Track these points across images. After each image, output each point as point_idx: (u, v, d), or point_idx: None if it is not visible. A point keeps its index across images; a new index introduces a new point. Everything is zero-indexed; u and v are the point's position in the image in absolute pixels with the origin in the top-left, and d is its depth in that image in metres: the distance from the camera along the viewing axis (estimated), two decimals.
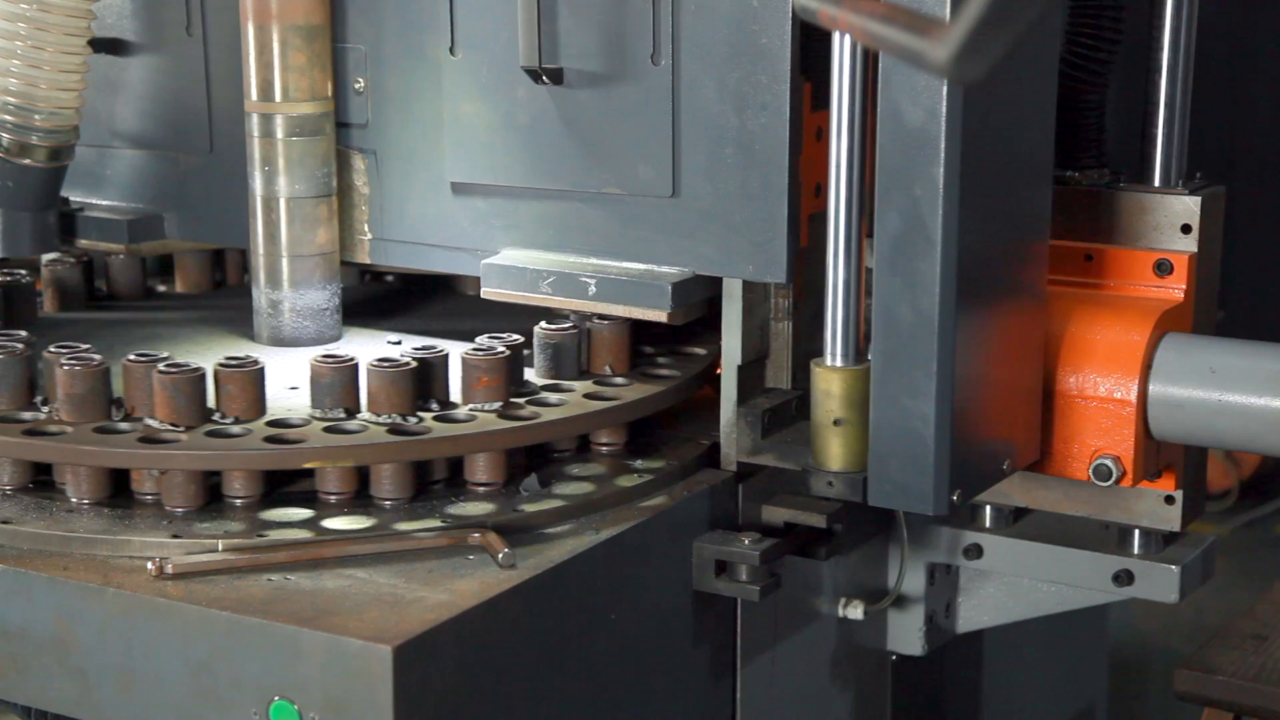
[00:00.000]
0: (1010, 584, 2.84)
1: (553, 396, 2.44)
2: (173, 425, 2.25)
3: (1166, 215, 2.53)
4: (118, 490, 2.27)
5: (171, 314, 2.89)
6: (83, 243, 2.84)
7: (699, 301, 2.45)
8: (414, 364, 2.33)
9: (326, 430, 2.26)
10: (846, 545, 2.58)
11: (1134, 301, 2.49)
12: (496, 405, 2.37)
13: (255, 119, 2.57)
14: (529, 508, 2.26)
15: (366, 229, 2.67)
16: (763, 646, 2.54)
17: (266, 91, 2.55)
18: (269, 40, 2.53)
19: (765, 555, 2.34)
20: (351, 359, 2.33)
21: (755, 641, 2.52)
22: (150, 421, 2.26)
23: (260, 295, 2.64)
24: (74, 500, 2.24)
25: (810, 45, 2.32)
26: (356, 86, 2.62)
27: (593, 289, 2.44)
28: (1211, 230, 2.54)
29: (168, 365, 2.28)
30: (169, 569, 2.05)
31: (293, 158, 2.57)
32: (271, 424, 2.27)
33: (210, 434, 2.24)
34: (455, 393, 2.41)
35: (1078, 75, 2.56)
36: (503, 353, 2.40)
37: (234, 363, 2.30)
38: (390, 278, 3.10)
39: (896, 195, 2.18)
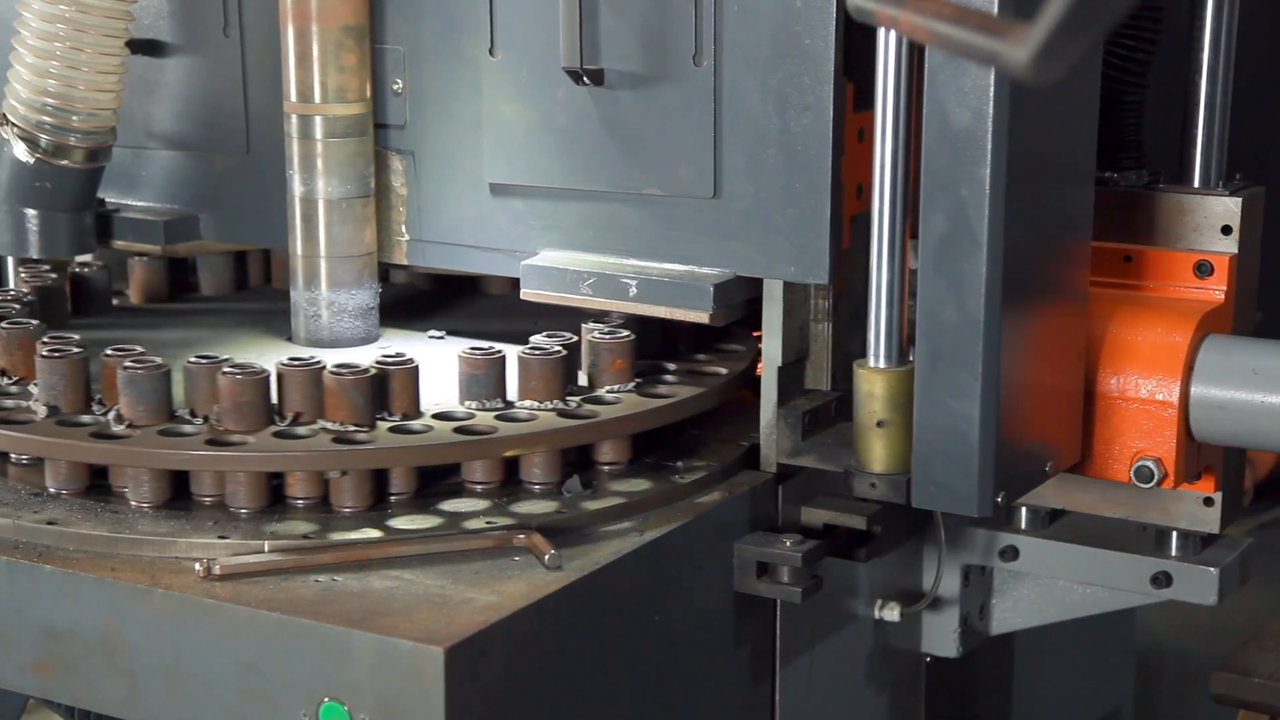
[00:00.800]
0: (1045, 586, 2.83)
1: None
2: (241, 430, 2.25)
3: (1206, 216, 2.52)
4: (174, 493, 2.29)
5: (197, 316, 2.89)
6: (118, 243, 2.84)
7: (740, 303, 2.45)
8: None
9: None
10: (884, 547, 2.58)
11: (1175, 303, 2.48)
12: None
13: (294, 120, 2.57)
14: (573, 509, 2.26)
15: (404, 230, 2.67)
16: (801, 648, 2.54)
17: (306, 93, 2.55)
18: (309, 42, 2.53)
19: (807, 557, 2.34)
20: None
21: (794, 643, 2.52)
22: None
23: (299, 296, 2.64)
24: (134, 503, 2.25)
25: (852, 45, 2.32)
26: (395, 87, 2.62)
27: (633, 290, 2.44)
28: (1251, 231, 2.54)
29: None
30: (216, 570, 2.05)
31: (332, 159, 2.57)
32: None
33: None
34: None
35: (1117, 76, 2.56)
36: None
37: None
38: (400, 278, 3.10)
39: (942, 196, 2.18)
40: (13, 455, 2.35)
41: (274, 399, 2.29)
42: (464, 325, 2.80)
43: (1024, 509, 2.72)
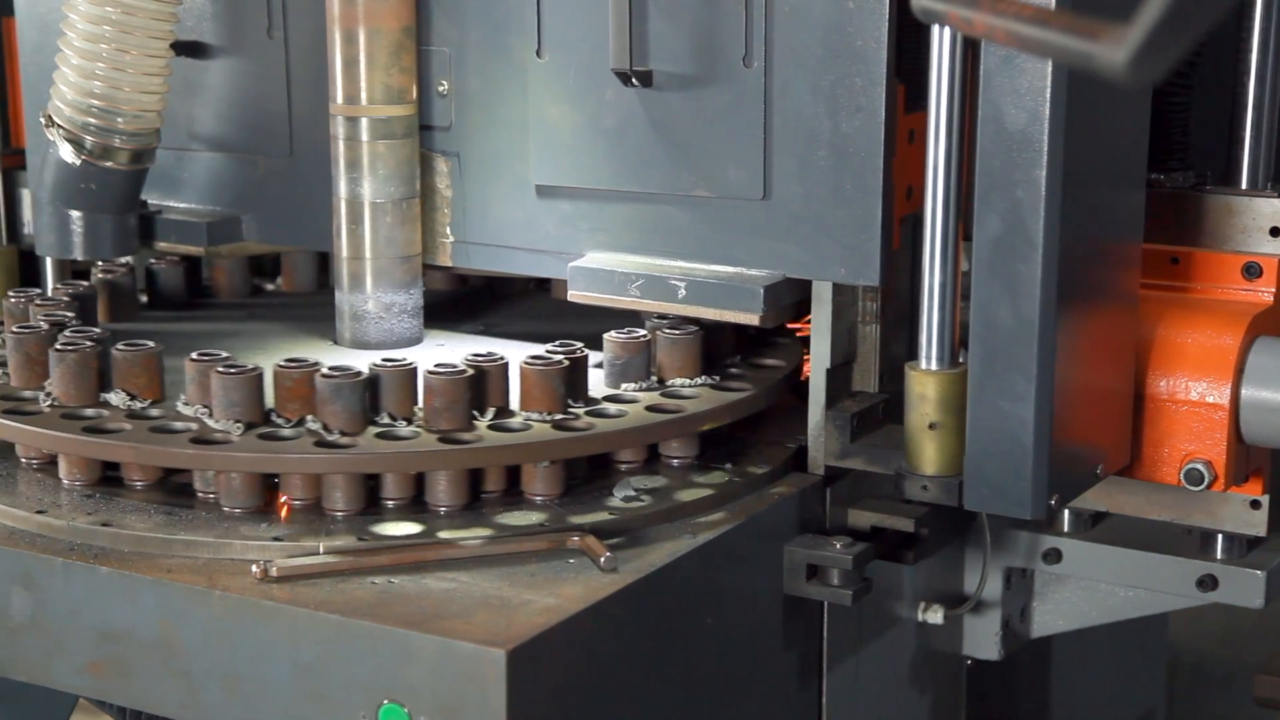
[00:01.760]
0: (1086, 588, 2.83)
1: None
2: (344, 431, 2.26)
3: (1255, 218, 2.52)
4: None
5: (227, 319, 2.89)
6: (161, 245, 2.83)
7: (789, 305, 2.44)
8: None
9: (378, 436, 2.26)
10: (930, 549, 2.58)
11: (1224, 305, 2.48)
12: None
13: (341, 122, 2.57)
14: (623, 511, 2.25)
15: (448, 231, 2.66)
16: (848, 651, 2.54)
17: (353, 94, 2.55)
18: (356, 44, 2.53)
19: (858, 559, 2.33)
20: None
21: (841, 646, 2.51)
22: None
23: (343, 298, 2.63)
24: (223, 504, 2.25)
25: (904, 47, 2.31)
26: (440, 89, 2.61)
27: (683, 292, 2.44)
28: None
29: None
30: (273, 571, 2.04)
31: (378, 161, 2.57)
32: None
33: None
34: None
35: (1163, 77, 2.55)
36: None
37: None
38: None
39: (997, 198, 2.17)
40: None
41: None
42: (496, 326, 2.81)
43: (1067, 511, 2.71)
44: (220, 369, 2.27)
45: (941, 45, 2.18)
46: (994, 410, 2.22)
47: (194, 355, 2.33)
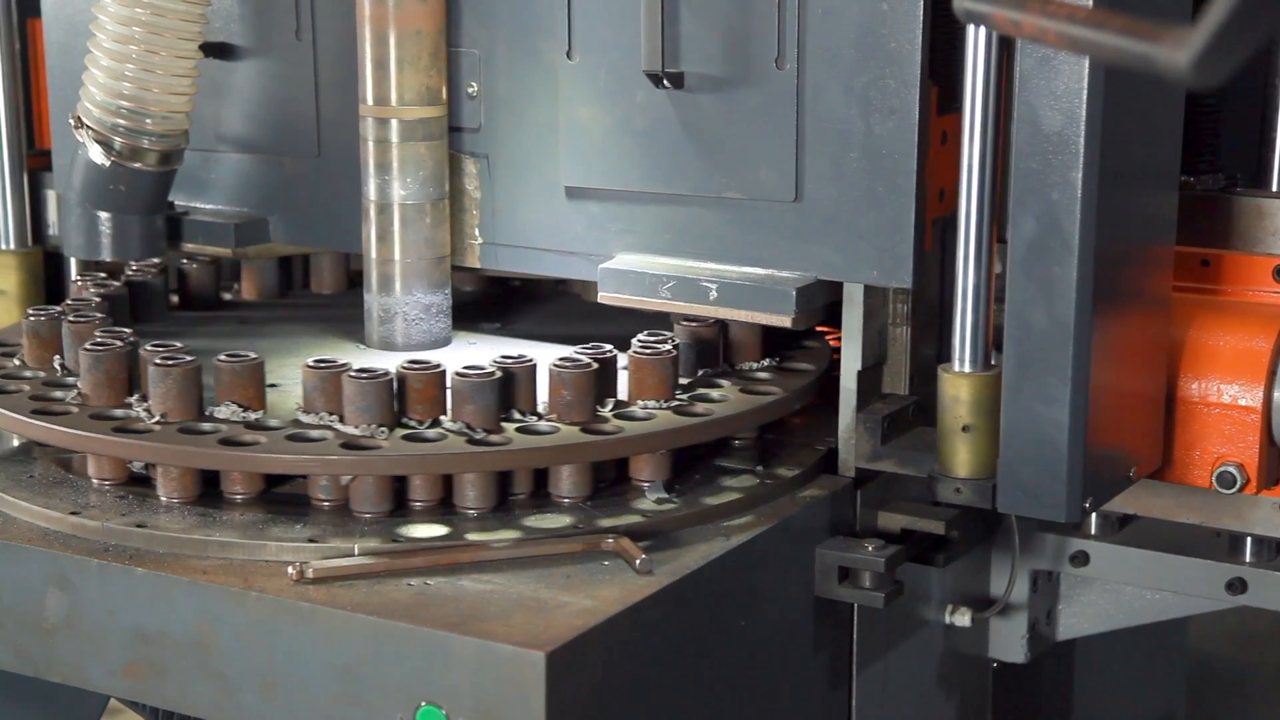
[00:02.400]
0: (1113, 591, 2.83)
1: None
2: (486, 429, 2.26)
3: None
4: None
5: (254, 321, 2.89)
6: (188, 246, 2.83)
7: (820, 307, 2.44)
8: (595, 365, 2.34)
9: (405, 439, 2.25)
10: (959, 552, 2.57)
11: (1256, 307, 2.47)
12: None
13: (370, 123, 2.57)
14: (654, 514, 2.25)
15: (477, 233, 2.66)
16: (877, 653, 2.53)
17: (382, 96, 2.55)
18: (386, 45, 2.53)
19: (890, 562, 2.33)
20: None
21: (870, 648, 2.51)
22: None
23: (372, 299, 2.63)
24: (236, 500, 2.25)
25: (937, 48, 2.31)
26: (470, 91, 2.61)
27: (714, 294, 2.43)
28: None
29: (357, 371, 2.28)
30: (309, 573, 2.04)
31: (407, 162, 2.57)
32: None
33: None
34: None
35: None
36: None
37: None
38: None
39: (1032, 200, 2.17)
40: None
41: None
42: (517, 327, 2.80)
43: (1094, 514, 2.71)
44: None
45: (977, 47, 2.18)
46: (1028, 413, 2.22)
47: (310, 363, 2.31)
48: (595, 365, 2.34)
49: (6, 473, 2.34)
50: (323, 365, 2.29)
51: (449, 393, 2.29)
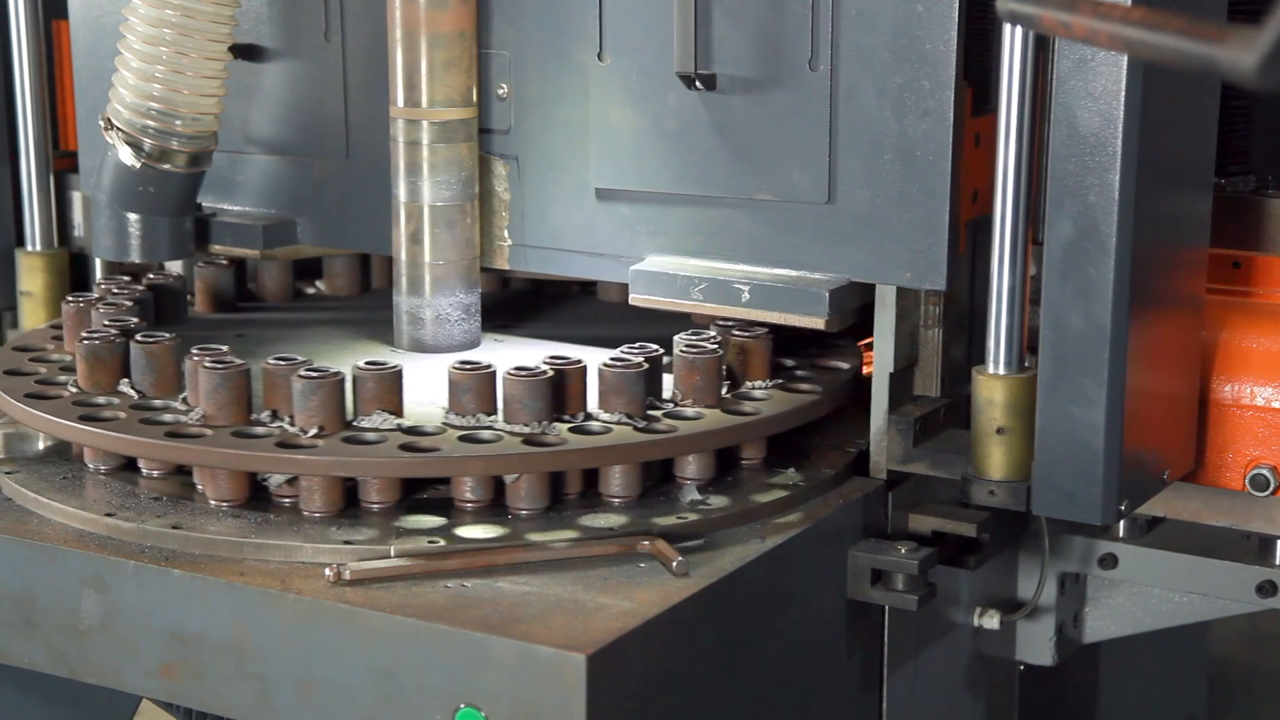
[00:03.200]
0: (1140, 594, 2.82)
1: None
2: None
3: None
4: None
5: (280, 323, 2.89)
6: (216, 248, 2.83)
7: (853, 309, 2.44)
8: (646, 365, 2.34)
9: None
10: (991, 554, 2.57)
11: None
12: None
13: (401, 124, 2.57)
14: (691, 515, 2.25)
15: (506, 234, 2.66)
16: (907, 656, 2.53)
17: (413, 97, 2.55)
18: (417, 47, 2.53)
19: (923, 564, 2.33)
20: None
21: (901, 651, 2.51)
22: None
23: (401, 301, 2.63)
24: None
25: (971, 50, 2.31)
26: (499, 92, 2.61)
27: (746, 296, 2.43)
28: None
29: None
30: (347, 575, 2.04)
31: (437, 164, 2.57)
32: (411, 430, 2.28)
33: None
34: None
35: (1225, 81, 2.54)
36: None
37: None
38: None
39: (1069, 202, 2.17)
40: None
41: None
42: (539, 330, 2.80)
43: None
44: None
45: (1012, 48, 2.18)
46: (1064, 415, 2.21)
47: (362, 364, 2.32)
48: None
49: (40, 475, 2.34)
50: (372, 366, 2.30)
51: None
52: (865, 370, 2.57)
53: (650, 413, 2.34)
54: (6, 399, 2.41)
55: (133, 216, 2.68)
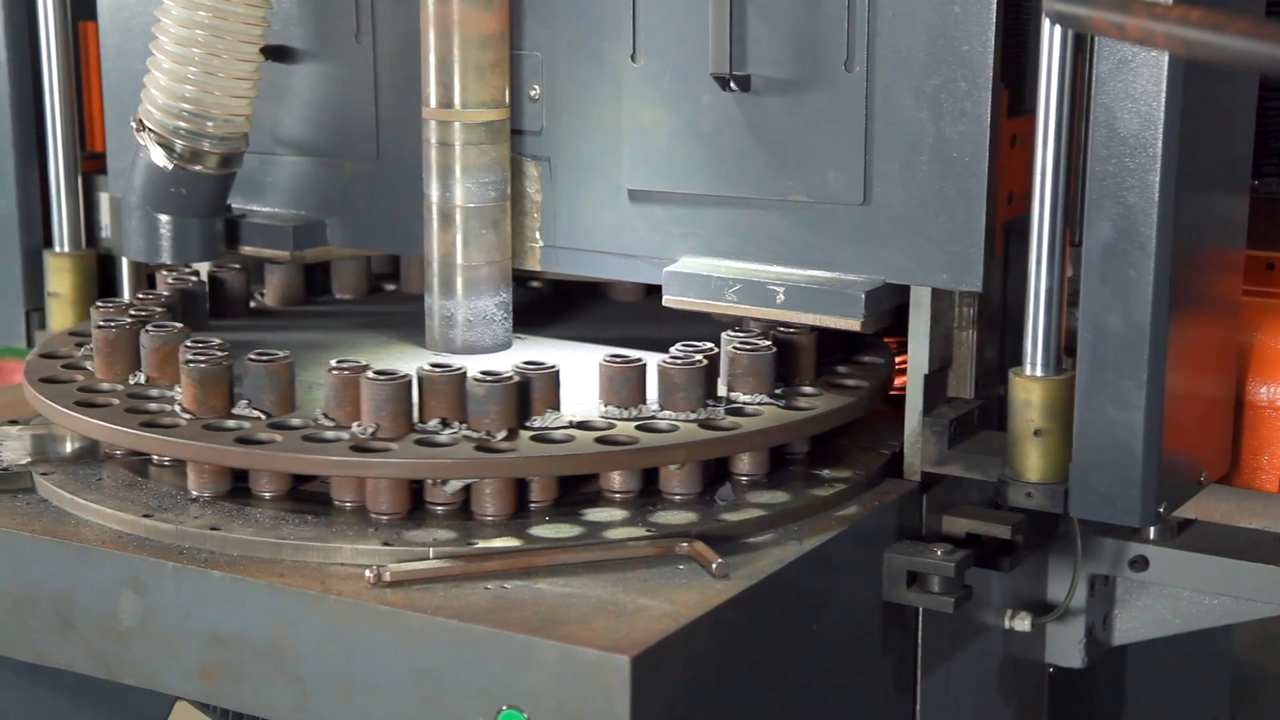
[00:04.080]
0: (1170, 596, 2.81)
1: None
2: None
3: None
4: (316, 497, 2.27)
5: (331, 321, 2.88)
6: (246, 249, 2.83)
7: (888, 310, 2.43)
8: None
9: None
10: (1024, 557, 2.56)
11: None
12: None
13: (433, 126, 2.56)
14: (729, 517, 2.24)
15: (538, 236, 2.65)
16: (941, 658, 2.52)
17: (446, 99, 2.54)
18: (450, 48, 2.52)
19: (959, 566, 2.32)
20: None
21: (935, 653, 2.50)
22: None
23: (433, 302, 2.63)
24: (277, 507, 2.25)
25: (1006, 51, 2.30)
26: (532, 94, 2.61)
27: (781, 297, 2.42)
28: None
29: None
30: (387, 576, 2.03)
31: (470, 165, 2.56)
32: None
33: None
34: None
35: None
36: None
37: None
38: None
39: (1108, 203, 2.16)
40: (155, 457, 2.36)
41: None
42: (569, 332, 2.80)
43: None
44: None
45: (1051, 49, 2.18)
46: (1103, 417, 2.21)
47: (427, 365, 2.32)
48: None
49: (76, 476, 2.34)
50: (438, 368, 2.30)
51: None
52: (899, 362, 2.57)
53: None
54: (121, 429, 2.32)
55: (163, 218, 2.67)
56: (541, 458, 2.21)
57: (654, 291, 2.57)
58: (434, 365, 2.31)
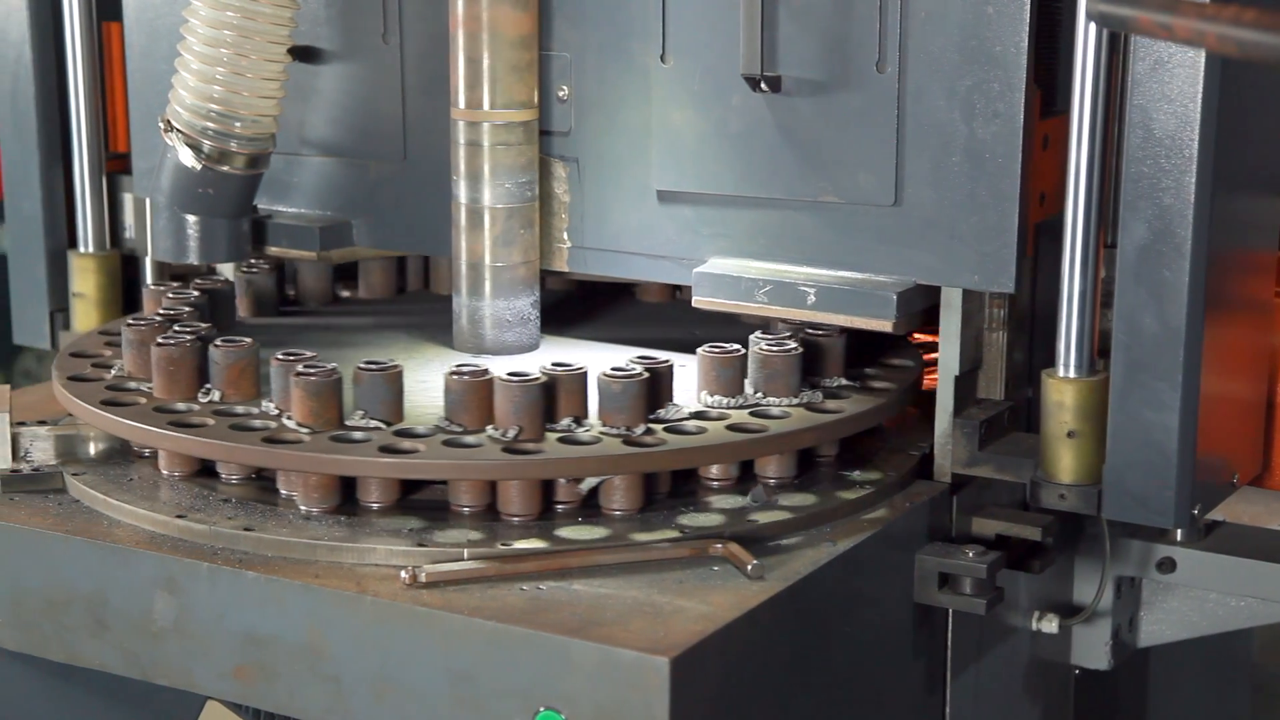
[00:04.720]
0: (1196, 598, 2.80)
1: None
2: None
3: None
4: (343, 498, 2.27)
5: (360, 320, 2.88)
6: (272, 250, 2.82)
7: (919, 311, 2.43)
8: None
9: (561, 441, 2.24)
10: (1054, 558, 2.56)
11: None
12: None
13: (461, 126, 2.56)
14: (761, 518, 2.24)
15: (565, 236, 2.65)
16: (970, 659, 2.52)
17: (474, 99, 2.54)
18: (479, 49, 2.52)
19: (991, 568, 2.32)
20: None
21: (964, 654, 2.50)
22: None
23: (461, 303, 2.62)
24: (304, 508, 2.23)
25: (1039, 52, 2.30)
26: (560, 94, 2.60)
27: (811, 298, 2.42)
28: None
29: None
30: (422, 577, 2.03)
31: (498, 166, 2.56)
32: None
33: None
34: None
35: None
36: (795, 349, 2.43)
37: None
38: None
39: (1144, 204, 2.16)
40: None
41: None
42: (595, 333, 2.80)
43: None
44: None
45: (1085, 50, 2.17)
46: (1137, 419, 2.21)
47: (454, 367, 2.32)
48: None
49: (106, 476, 2.34)
50: (465, 370, 2.29)
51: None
52: (927, 358, 2.57)
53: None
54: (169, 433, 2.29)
55: (191, 218, 2.67)
56: (691, 449, 2.23)
57: (673, 292, 2.57)
58: (461, 366, 2.30)
